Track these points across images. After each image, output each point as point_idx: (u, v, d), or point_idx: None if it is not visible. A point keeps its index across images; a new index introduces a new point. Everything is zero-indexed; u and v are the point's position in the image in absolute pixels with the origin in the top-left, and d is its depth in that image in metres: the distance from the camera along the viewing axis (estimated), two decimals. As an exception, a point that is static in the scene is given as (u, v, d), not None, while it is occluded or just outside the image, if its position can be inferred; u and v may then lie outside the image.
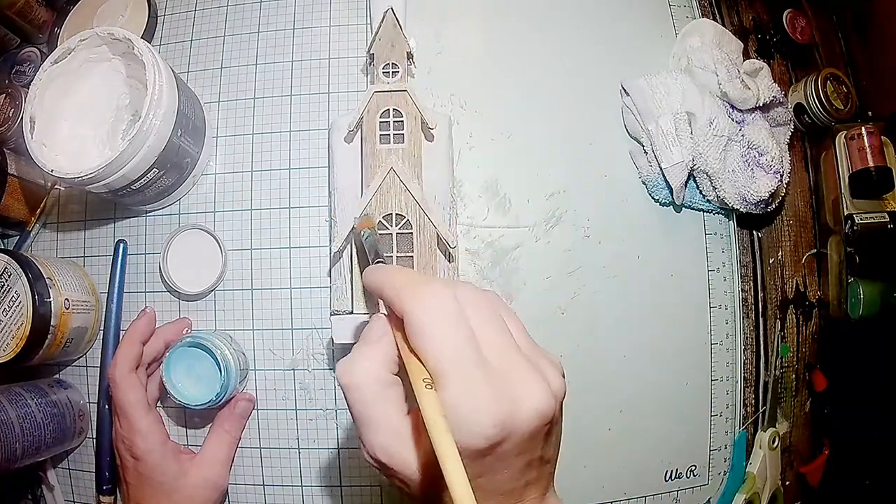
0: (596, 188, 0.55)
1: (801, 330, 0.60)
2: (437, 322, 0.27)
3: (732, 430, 0.56)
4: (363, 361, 0.29)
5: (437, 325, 0.27)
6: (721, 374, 0.55)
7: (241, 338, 0.52)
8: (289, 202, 0.53)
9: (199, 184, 0.54)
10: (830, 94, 0.59)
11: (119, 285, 0.53)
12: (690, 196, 0.55)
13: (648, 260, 0.54)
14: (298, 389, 0.51)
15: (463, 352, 0.26)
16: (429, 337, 0.26)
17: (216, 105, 0.55)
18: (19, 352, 0.45)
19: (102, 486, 0.50)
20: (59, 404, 0.50)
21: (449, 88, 0.54)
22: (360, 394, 0.28)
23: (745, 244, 0.58)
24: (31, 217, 0.54)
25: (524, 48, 0.56)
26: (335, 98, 0.54)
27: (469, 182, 0.53)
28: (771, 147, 0.53)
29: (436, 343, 0.26)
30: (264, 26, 0.56)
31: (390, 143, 0.45)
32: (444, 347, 0.26)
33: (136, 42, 0.45)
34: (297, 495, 0.51)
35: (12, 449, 0.44)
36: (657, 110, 0.53)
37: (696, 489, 0.55)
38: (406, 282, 0.29)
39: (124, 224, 0.54)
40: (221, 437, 0.49)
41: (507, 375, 0.27)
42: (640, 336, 0.54)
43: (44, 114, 0.47)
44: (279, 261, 0.52)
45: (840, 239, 0.58)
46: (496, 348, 0.27)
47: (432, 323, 0.27)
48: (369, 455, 0.29)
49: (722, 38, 0.57)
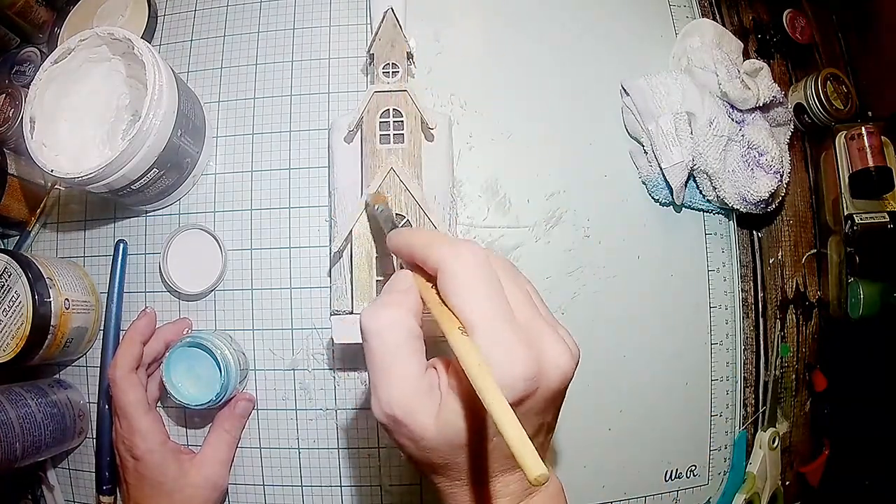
0: (596, 188, 0.55)
1: (801, 330, 0.60)
2: (474, 275, 0.27)
3: (732, 430, 0.56)
4: (391, 308, 0.29)
5: (475, 278, 0.27)
6: (721, 374, 0.55)
7: (241, 338, 0.52)
8: (289, 202, 0.53)
9: (199, 184, 0.54)
10: (830, 94, 0.59)
11: (119, 285, 0.53)
12: (690, 196, 0.55)
13: (648, 260, 0.54)
14: (298, 389, 0.51)
15: (498, 306, 0.27)
16: (466, 288, 0.27)
17: (216, 105, 0.55)
18: (19, 352, 0.45)
19: (102, 486, 0.50)
20: (59, 404, 0.50)
21: (449, 88, 0.54)
22: (385, 340, 0.28)
23: (745, 244, 0.58)
24: (31, 217, 0.54)
25: (524, 48, 0.56)
26: (335, 98, 0.54)
27: (469, 182, 0.53)
28: (771, 147, 0.53)
29: (473, 294, 0.27)
30: (264, 26, 0.56)
31: (390, 143, 0.45)
32: (480, 299, 0.26)
33: (136, 42, 0.45)
34: (297, 495, 0.51)
35: (12, 449, 0.44)
36: (657, 110, 0.53)
37: (696, 489, 0.55)
38: (438, 238, 0.29)
39: (124, 224, 0.54)
40: (221, 437, 0.49)
41: (534, 334, 0.27)
42: (639, 336, 0.54)
43: (44, 114, 0.47)
44: (279, 261, 0.52)
45: (840, 239, 0.58)
46: (523, 308, 0.28)
47: (470, 275, 0.27)
48: (383, 409, 0.28)
49: (722, 38, 0.57)
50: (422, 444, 0.28)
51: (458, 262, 0.27)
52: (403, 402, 0.27)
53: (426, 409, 0.27)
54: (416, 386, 0.28)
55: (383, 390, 0.28)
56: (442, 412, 0.27)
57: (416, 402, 0.27)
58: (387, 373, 0.28)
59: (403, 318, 0.28)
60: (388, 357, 0.28)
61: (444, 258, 0.28)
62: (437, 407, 0.28)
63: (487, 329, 0.26)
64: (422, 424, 0.27)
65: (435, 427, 0.27)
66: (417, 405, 0.27)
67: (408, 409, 0.27)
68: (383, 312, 0.28)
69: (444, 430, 0.27)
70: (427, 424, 0.27)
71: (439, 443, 0.27)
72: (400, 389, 0.28)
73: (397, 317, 0.28)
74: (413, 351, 0.28)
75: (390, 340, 0.28)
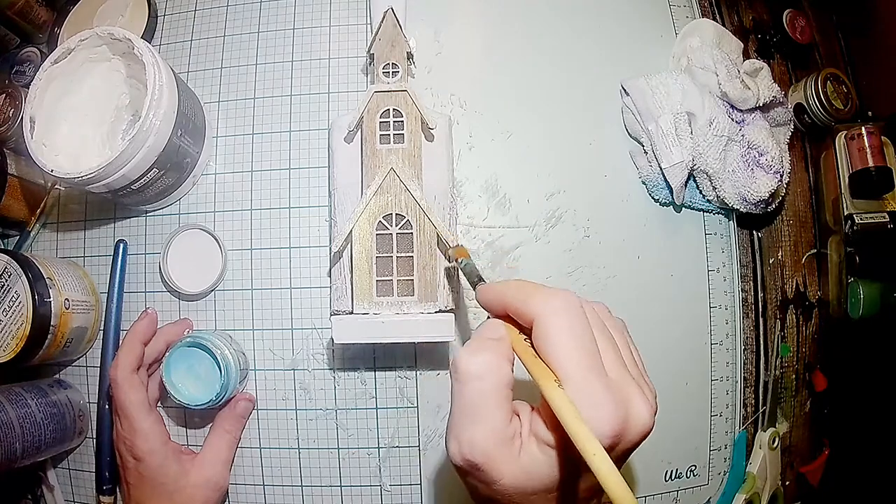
0: (596, 188, 0.55)
1: (801, 330, 0.60)
2: (568, 328, 0.27)
3: (732, 430, 0.56)
4: (490, 353, 0.29)
5: (569, 330, 0.27)
6: (721, 374, 0.55)
7: (241, 338, 0.52)
8: (289, 202, 0.53)
9: (199, 184, 0.54)
10: (830, 94, 0.59)
11: (119, 285, 0.53)
12: (690, 196, 0.55)
13: (648, 260, 0.54)
14: (298, 389, 0.51)
15: (590, 359, 0.27)
16: (559, 341, 0.27)
17: (216, 105, 0.55)
18: (19, 352, 0.45)
19: (102, 486, 0.50)
20: (59, 404, 0.50)
21: (449, 88, 0.54)
22: (480, 384, 0.28)
23: (745, 244, 0.58)
24: (31, 217, 0.54)
25: (524, 48, 0.56)
26: (335, 98, 0.54)
27: (469, 182, 0.53)
28: (771, 147, 0.53)
29: (566, 347, 0.27)
30: (264, 26, 0.56)
31: (390, 143, 0.45)
32: (573, 352, 0.27)
33: (136, 42, 0.45)
34: (297, 495, 0.51)
35: (12, 449, 0.44)
36: (657, 110, 0.53)
37: (696, 489, 0.55)
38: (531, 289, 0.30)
39: (124, 224, 0.54)
40: (222, 437, 0.49)
41: (622, 388, 0.28)
42: (639, 336, 0.53)
43: (44, 114, 0.47)
44: (279, 261, 0.52)
45: (840, 239, 0.58)
46: (612, 360, 0.29)
47: (564, 328, 0.27)
48: (463, 453, 0.28)
49: (722, 38, 0.57)
50: (494, 488, 0.28)
51: (553, 315, 0.28)
52: (487, 450, 0.28)
53: (506, 457, 0.28)
54: (502, 435, 0.28)
55: (467, 433, 0.28)
56: (522, 458, 0.28)
57: (498, 450, 0.28)
58: (475, 417, 0.28)
59: (501, 366, 0.29)
60: (480, 402, 0.28)
61: (539, 312, 0.28)
62: (517, 454, 0.28)
63: (579, 382, 0.26)
64: (499, 471, 0.28)
65: (512, 474, 0.28)
66: (499, 454, 0.28)
67: (490, 456, 0.28)
68: (482, 357, 0.29)
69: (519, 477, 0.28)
70: (504, 471, 0.28)
71: (514, 489, 0.28)
72: (485, 437, 0.28)
73: (495, 364, 0.29)
74: (505, 399, 0.29)
75: (487, 386, 0.28)
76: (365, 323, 0.43)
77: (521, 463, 0.28)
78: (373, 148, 0.45)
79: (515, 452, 0.28)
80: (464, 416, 0.28)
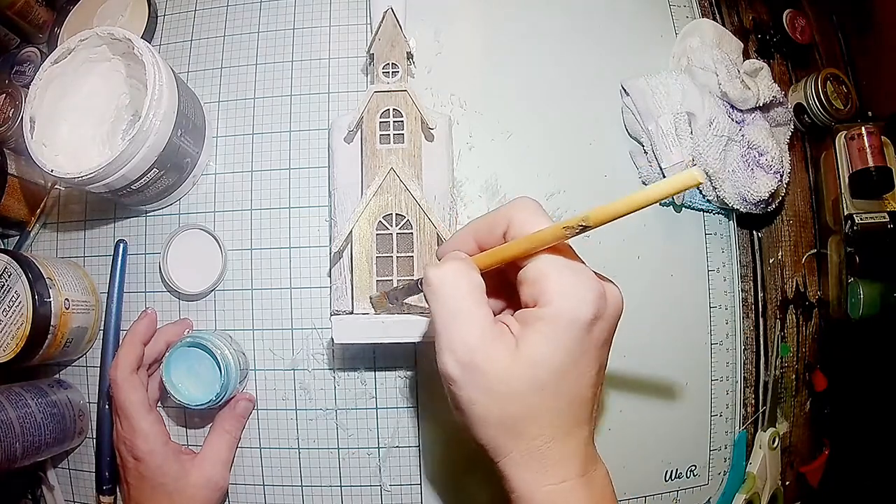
0: (596, 188, 0.55)
1: (801, 330, 0.60)
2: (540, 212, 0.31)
3: (732, 430, 0.56)
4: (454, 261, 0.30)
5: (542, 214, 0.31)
6: (721, 374, 0.55)
7: (241, 338, 0.52)
8: (289, 202, 0.53)
9: (199, 184, 0.54)
10: (830, 94, 0.59)
11: (119, 285, 0.52)
12: (690, 196, 0.55)
13: (648, 260, 0.54)
14: (298, 389, 0.51)
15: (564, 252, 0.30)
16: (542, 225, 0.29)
17: (216, 105, 0.55)
18: (19, 352, 0.45)
19: (102, 486, 0.50)
20: (59, 404, 0.50)
21: (449, 88, 0.54)
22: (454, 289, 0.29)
23: (745, 244, 0.58)
24: (31, 217, 0.54)
25: (524, 48, 0.56)
26: (335, 98, 0.54)
27: (469, 182, 0.53)
28: (771, 147, 0.53)
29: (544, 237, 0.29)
30: (264, 26, 0.56)
31: (390, 143, 0.45)
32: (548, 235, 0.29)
33: (136, 42, 0.45)
34: (297, 495, 0.51)
35: (12, 449, 0.44)
36: (657, 110, 0.53)
37: (696, 489, 0.55)
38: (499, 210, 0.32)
39: (124, 224, 0.54)
40: (222, 437, 0.49)
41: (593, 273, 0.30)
42: (639, 336, 0.54)
43: (44, 114, 0.47)
44: (279, 261, 0.52)
45: (840, 239, 0.58)
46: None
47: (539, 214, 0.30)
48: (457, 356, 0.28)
49: (722, 38, 0.57)
50: (500, 391, 0.28)
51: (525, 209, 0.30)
52: (479, 344, 0.28)
53: (501, 350, 0.28)
54: (491, 330, 0.28)
55: (456, 334, 0.28)
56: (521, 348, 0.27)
57: (491, 344, 0.28)
58: (461, 319, 0.28)
59: (469, 270, 0.30)
60: (461, 303, 0.28)
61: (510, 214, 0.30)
62: (513, 347, 0.28)
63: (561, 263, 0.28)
64: (500, 365, 0.27)
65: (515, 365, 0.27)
66: (492, 347, 0.28)
67: (484, 350, 0.28)
68: (449, 265, 0.30)
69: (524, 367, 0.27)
70: (506, 365, 0.27)
71: (520, 383, 0.27)
72: (477, 333, 0.28)
73: (464, 268, 0.30)
74: (482, 298, 0.29)
75: (462, 288, 0.29)
76: (365, 323, 0.43)
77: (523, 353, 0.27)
78: (373, 148, 0.45)
79: (511, 346, 0.28)
80: (449, 322, 0.29)
